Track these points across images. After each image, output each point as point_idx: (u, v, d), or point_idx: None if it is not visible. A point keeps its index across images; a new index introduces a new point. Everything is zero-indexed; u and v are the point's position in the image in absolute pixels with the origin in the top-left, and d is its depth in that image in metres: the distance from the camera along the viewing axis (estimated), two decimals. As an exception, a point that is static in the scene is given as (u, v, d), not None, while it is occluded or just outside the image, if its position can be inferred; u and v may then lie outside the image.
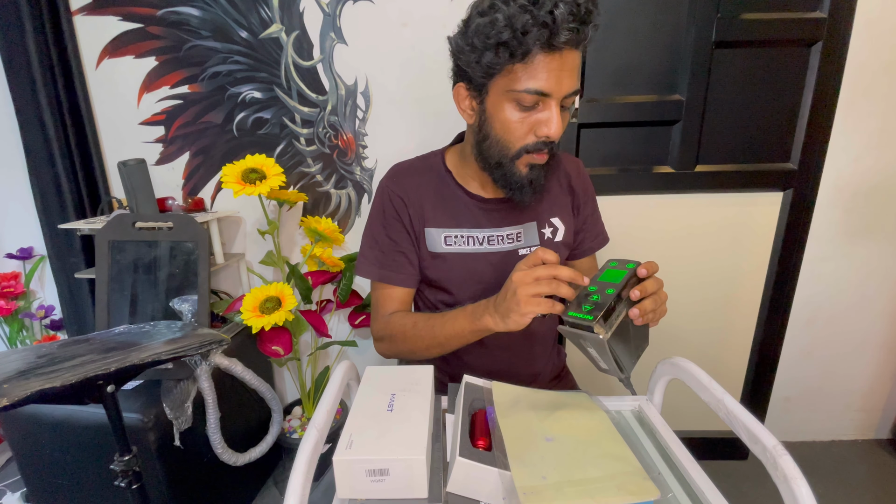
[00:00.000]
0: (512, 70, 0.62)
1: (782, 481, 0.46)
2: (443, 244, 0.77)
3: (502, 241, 0.78)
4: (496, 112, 0.66)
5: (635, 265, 0.57)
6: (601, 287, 0.55)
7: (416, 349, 0.75)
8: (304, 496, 0.44)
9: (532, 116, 0.65)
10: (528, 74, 0.61)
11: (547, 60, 0.60)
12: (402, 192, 0.78)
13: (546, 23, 0.57)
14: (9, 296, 1.43)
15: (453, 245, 0.77)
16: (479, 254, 0.77)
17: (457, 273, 0.78)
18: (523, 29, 0.58)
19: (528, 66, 0.61)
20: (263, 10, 1.23)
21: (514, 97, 0.63)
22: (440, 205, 0.78)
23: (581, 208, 0.85)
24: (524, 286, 0.57)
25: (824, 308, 1.42)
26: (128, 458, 0.73)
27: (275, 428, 1.22)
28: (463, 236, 0.77)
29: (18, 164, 1.32)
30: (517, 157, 0.68)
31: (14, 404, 0.55)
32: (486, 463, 0.49)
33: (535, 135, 0.65)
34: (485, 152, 0.70)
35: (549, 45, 0.59)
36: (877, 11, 1.15)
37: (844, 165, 1.28)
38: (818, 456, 1.48)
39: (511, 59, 0.61)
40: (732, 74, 1.15)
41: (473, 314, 0.66)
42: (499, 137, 0.67)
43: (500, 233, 0.78)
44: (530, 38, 0.58)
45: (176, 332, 0.82)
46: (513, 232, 0.79)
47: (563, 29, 0.57)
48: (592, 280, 0.57)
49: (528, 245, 0.79)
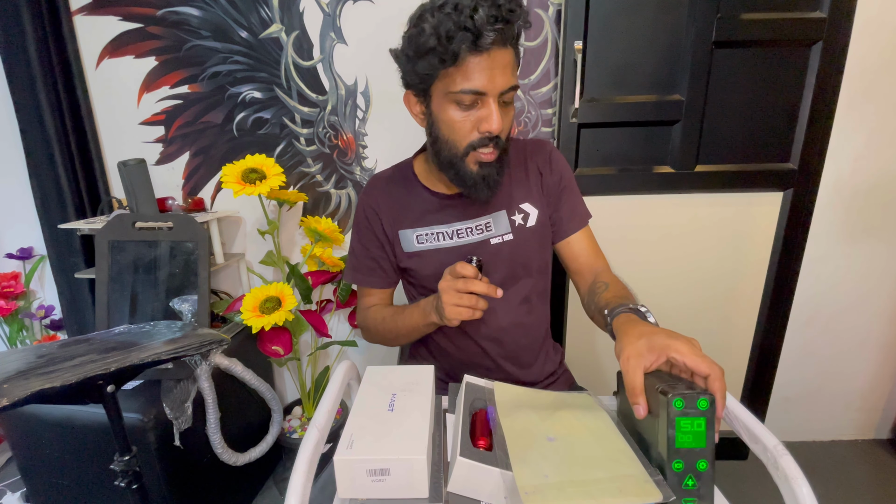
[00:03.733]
0: (447, 74, 0.66)
1: (783, 481, 0.46)
2: (415, 243, 0.82)
3: (471, 233, 0.81)
4: (440, 114, 0.70)
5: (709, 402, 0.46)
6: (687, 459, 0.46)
7: (387, 339, 0.86)
8: (305, 496, 0.44)
9: (473, 115, 0.68)
10: (462, 76, 0.65)
11: (477, 61, 0.64)
12: (374, 204, 0.84)
13: (468, 27, 0.60)
14: (9, 296, 1.42)
15: (425, 243, 0.82)
16: (451, 247, 0.81)
17: (431, 268, 0.81)
18: (448, 35, 0.61)
19: (460, 68, 0.64)
20: (263, 10, 1.23)
21: (453, 98, 0.67)
22: (409, 207, 0.83)
23: (553, 187, 0.84)
24: (447, 295, 0.65)
25: (824, 308, 1.42)
26: (128, 458, 0.73)
27: (275, 428, 1.22)
28: (433, 233, 0.82)
29: (18, 164, 1.32)
30: (465, 154, 0.71)
31: (14, 404, 0.55)
32: (486, 463, 0.49)
33: (479, 131, 0.69)
34: (438, 153, 0.74)
35: (476, 46, 0.62)
36: (877, 11, 1.15)
37: (844, 165, 1.28)
38: (818, 456, 1.48)
39: (443, 64, 0.64)
40: (732, 74, 1.15)
41: (424, 310, 0.74)
42: (446, 137, 0.71)
43: (468, 225, 0.81)
44: (456, 43, 0.62)
45: (176, 332, 0.82)
46: (481, 222, 0.81)
47: (485, 31, 0.61)
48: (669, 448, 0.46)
49: (500, 234, 0.81)
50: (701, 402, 0.46)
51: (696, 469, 0.46)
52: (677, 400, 0.46)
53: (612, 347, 0.59)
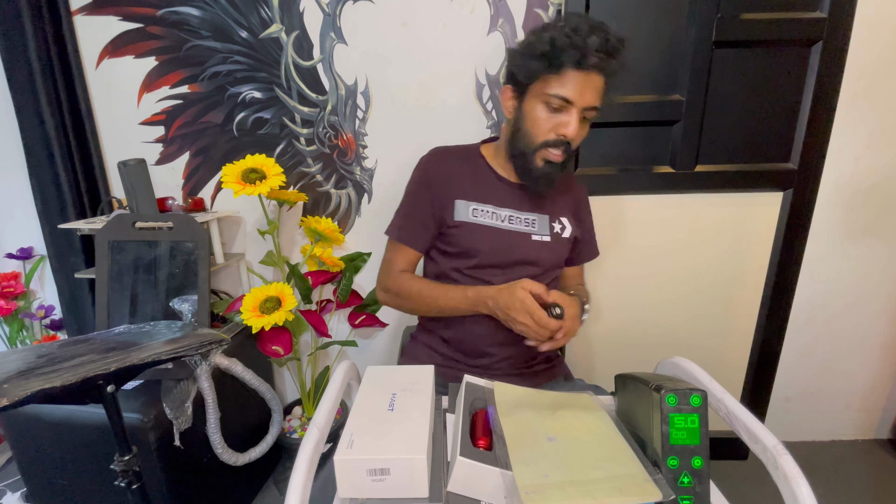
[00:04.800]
0: (547, 78, 0.78)
1: (783, 481, 0.46)
2: (470, 215, 0.89)
3: (519, 223, 0.91)
4: (530, 110, 0.81)
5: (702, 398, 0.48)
6: (682, 456, 0.47)
7: (416, 309, 0.93)
8: (305, 496, 0.44)
9: (556, 118, 0.79)
10: (559, 83, 0.77)
11: (575, 75, 0.76)
12: (439, 167, 0.92)
13: (578, 45, 0.73)
14: (9, 296, 1.42)
15: (479, 217, 0.89)
16: (499, 229, 0.89)
17: (476, 241, 0.89)
18: (560, 47, 0.74)
19: (559, 76, 0.76)
20: (263, 10, 1.23)
21: (544, 99, 0.79)
22: (472, 181, 0.91)
23: (582, 222, 1.00)
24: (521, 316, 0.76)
25: (824, 308, 1.42)
26: (128, 458, 0.73)
27: (275, 428, 1.22)
28: (488, 211, 0.90)
29: (18, 164, 1.32)
30: (538, 149, 0.82)
31: (14, 404, 0.55)
32: (486, 462, 0.49)
33: (556, 133, 0.80)
34: (514, 143, 0.85)
35: (579, 63, 0.74)
36: (877, 11, 1.15)
37: (844, 165, 1.28)
38: (818, 456, 1.48)
39: (548, 69, 0.76)
40: (732, 74, 1.15)
41: (475, 302, 0.83)
42: (527, 130, 0.82)
43: (520, 215, 0.91)
44: (564, 56, 0.74)
45: (176, 332, 0.82)
46: (529, 217, 0.92)
47: (591, 54, 0.73)
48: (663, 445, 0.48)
49: (541, 233, 0.92)
50: (694, 398, 0.47)
51: (691, 466, 0.47)
52: (670, 396, 0.48)
53: (610, 346, 0.60)
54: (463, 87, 1.27)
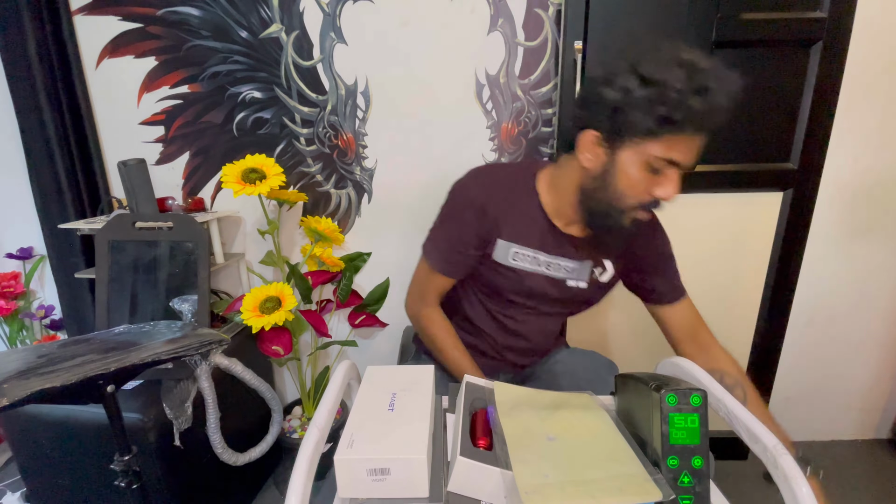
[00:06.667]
0: (659, 138, 0.65)
1: (782, 481, 0.46)
2: (510, 259, 0.83)
3: (559, 270, 0.84)
4: (626, 167, 0.69)
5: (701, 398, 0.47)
6: (682, 456, 0.46)
7: (431, 350, 0.92)
8: (306, 496, 0.43)
9: (657, 179, 0.69)
10: (672, 146, 0.65)
11: (692, 139, 0.66)
12: (486, 202, 0.81)
13: (706, 112, 0.62)
14: (9, 296, 1.42)
15: (519, 261, 0.83)
16: (537, 274, 0.84)
17: (512, 284, 0.85)
18: (690, 108, 0.61)
19: (675, 137, 0.65)
20: (263, 9, 1.23)
21: (648, 159, 0.67)
22: (519, 222, 0.82)
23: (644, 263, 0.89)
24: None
25: (824, 308, 1.42)
26: (128, 458, 0.73)
27: (275, 428, 1.22)
28: (529, 255, 0.83)
29: (18, 164, 1.32)
30: (629, 210, 0.72)
31: (14, 404, 0.55)
32: (486, 462, 0.49)
33: (652, 195, 0.70)
34: (595, 197, 0.74)
35: (700, 129, 0.65)
36: (877, 11, 1.15)
37: (844, 165, 1.28)
38: (818, 456, 1.48)
39: (661, 131, 0.64)
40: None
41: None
42: (620, 191, 0.71)
43: (560, 262, 0.84)
44: (688, 123, 0.63)
45: (176, 332, 0.82)
46: (570, 265, 0.84)
47: (715, 117, 0.63)
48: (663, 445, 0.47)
49: (577, 279, 0.85)
50: (694, 398, 0.47)
51: (691, 466, 0.47)
52: (670, 396, 0.47)
53: (610, 346, 0.59)
54: (463, 87, 1.27)
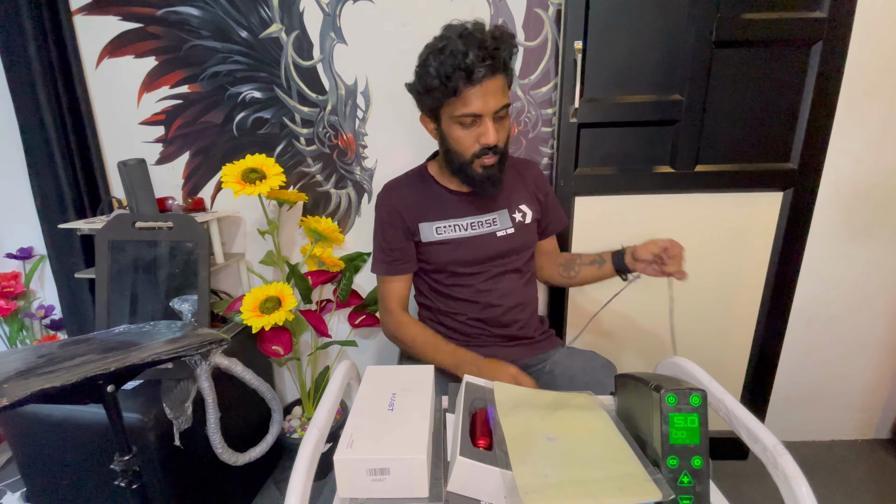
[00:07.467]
0: (450, 103, 0.84)
1: (782, 481, 0.46)
2: (435, 234, 0.97)
3: (481, 226, 0.98)
4: (448, 132, 0.88)
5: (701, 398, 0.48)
6: (682, 456, 0.47)
7: (414, 356, 0.98)
8: (305, 495, 0.44)
9: (474, 131, 0.85)
10: (462, 104, 0.82)
11: (472, 91, 0.81)
12: (393, 204, 0.98)
13: (462, 67, 0.78)
14: (9, 296, 1.42)
15: (444, 233, 0.97)
16: (465, 238, 0.97)
17: (448, 254, 0.97)
18: (447, 75, 0.79)
19: (459, 98, 0.82)
20: (263, 9, 1.23)
21: (456, 121, 0.85)
22: (429, 203, 0.98)
23: (541, 199, 1.06)
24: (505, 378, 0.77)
25: (824, 308, 1.42)
26: (128, 458, 0.73)
27: (275, 428, 1.21)
28: (451, 225, 0.97)
29: (18, 164, 1.32)
30: (471, 161, 0.88)
31: (14, 404, 0.55)
32: (486, 462, 0.49)
33: (479, 144, 0.86)
34: (451, 161, 0.92)
35: (470, 81, 0.79)
36: (877, 11, 1.15)
37: (844, 165, 1.28)
38: (818, 456, 1.48)
39: (446, 98, 0.83)
40: (732, 74, 1.15)
41: (458, 367, 0.86)
42: (454, 149, 0.89)
43: (479, 219, 0.98)
44: (454, 81, 0.79)
45: (176, 332, 0.82)
46: (489, 218, 0.98)
47: (476, 68, 0.78)
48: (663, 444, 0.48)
49: (504, 228, 0.98)
50: (693, 398, 0.48)
51: (691, 466, 0.47)
52: (670, 396, 0.48)
53: (610, 346, 0.59)
54: (463, 87, 1.27)
